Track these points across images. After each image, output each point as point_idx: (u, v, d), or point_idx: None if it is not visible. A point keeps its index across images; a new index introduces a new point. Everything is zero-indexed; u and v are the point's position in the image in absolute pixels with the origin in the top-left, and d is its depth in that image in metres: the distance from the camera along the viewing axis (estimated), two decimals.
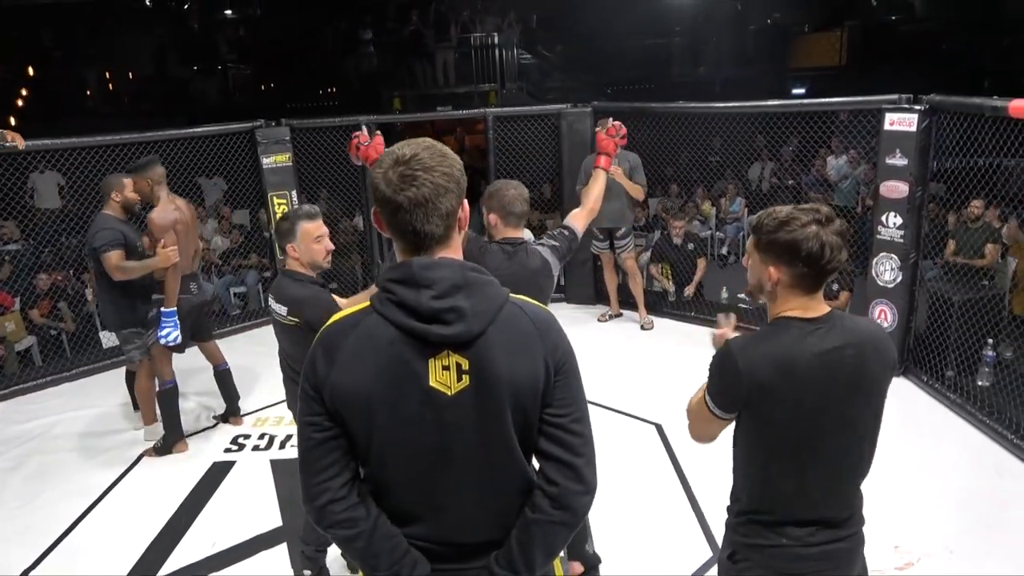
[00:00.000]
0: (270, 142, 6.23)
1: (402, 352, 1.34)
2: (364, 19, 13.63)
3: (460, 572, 1.43)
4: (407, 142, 1.39)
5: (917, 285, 4.70)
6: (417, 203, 1.33)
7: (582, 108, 6.36)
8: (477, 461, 1.39)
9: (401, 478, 1.41)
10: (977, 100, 4.01)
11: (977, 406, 4.15)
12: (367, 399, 1.35)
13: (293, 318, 2.60)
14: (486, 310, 1.36)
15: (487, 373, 1.35)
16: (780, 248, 1.64)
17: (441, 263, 1.36)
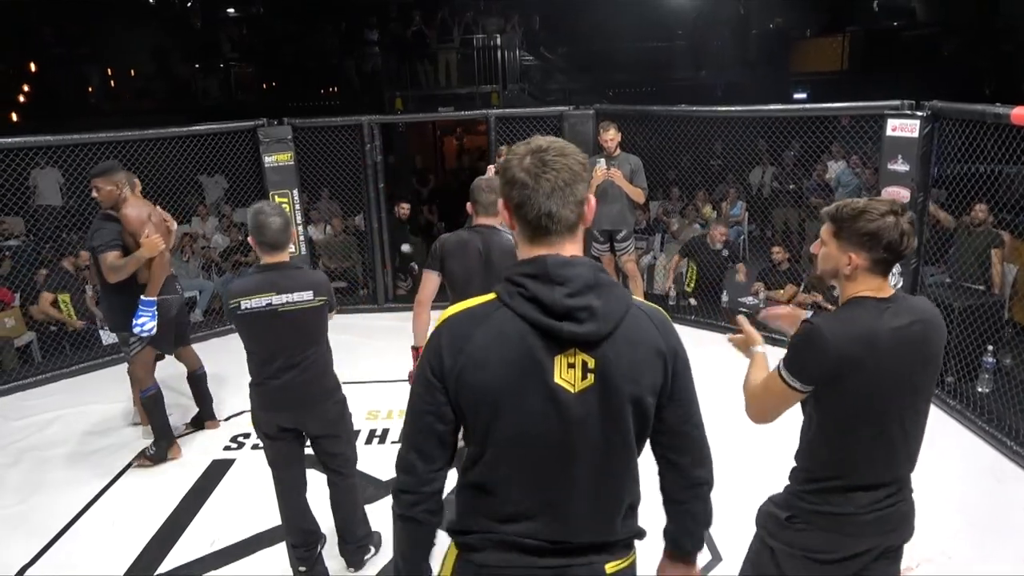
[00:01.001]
0: (272, 141, 6.23)
1: (532, 347, 1.36)
2: (368, 19, 13.62)
3: (564, 569, 1.44)
4: (536, 137, 1.44)
5: (918, 291, 4.71)
6: (555, 188, 1.37)
7: (584, 110, 6.36)
8: (595, 460, 1.41)
9: (516, 474, 1.42)
10: (979, 107, 4.02)
11: (976, 412, 4.15)
12: (495, 393, 1.37)
13: (321, 298, 2.80)
14: (616, 311, 1.38)
15: (612, 373, 1.37)
16: (863, 236, 1.79)
17: (576, 261, 1.38)
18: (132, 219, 3.85)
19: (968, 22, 11.91)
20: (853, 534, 1.87)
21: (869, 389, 1.79)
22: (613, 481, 1.45)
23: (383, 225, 6.66)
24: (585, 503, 1.43)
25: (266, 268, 2.79)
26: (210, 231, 8.10)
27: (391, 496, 1.52)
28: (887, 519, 1.89)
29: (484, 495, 1.45)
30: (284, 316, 2.74)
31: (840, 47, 13.32)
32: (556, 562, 1.44)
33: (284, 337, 2.78)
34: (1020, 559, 3.00)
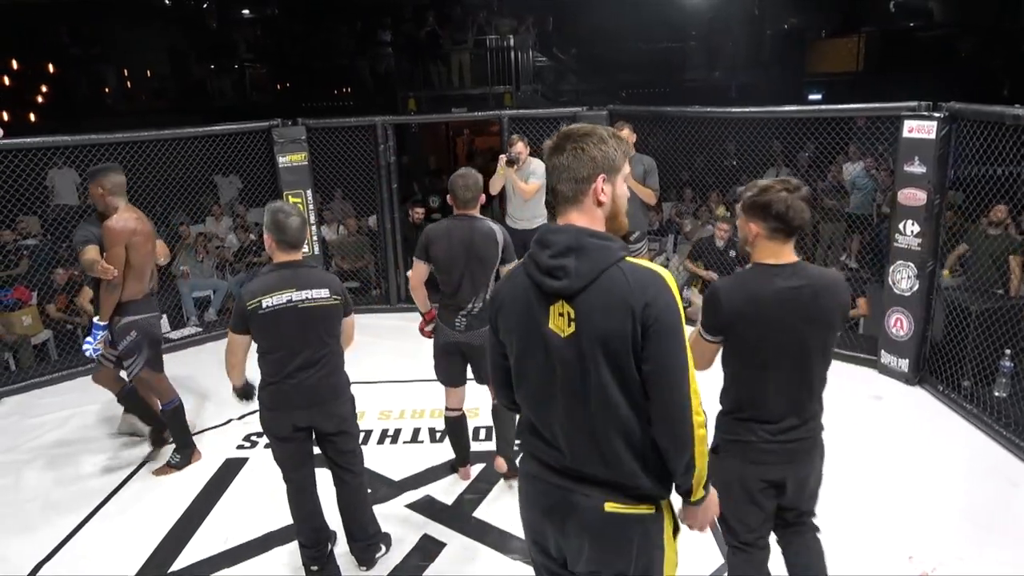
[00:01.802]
0: (286, 141, 6.26)
1: (531, 298, 1.68)
2: (382, 20, 13.66)
3: (567, 492, 1.69)
4: (571, 125, 1.73)
5: (934, 294, 4.67)
6: (555, 167, 1.67)
7: (598, 111, 6.35)
8: (579, 398, 1.64)
9: (528, 401, 1.76)
10: (998, 108, 3.97)
11: (994, 417, 4.10)
12: (513, 333, 1.73)
13: (336, 298, 2.84)
14: (589, 271, 1.60)
15: (586, 323, 1.61)
16: (758, 208, 2.17)
17: (562, 228, 1.66)
18: (108, 231, 3.71)
19: (986, 23, 11.79)
20: (756, 461, 2.24)
21: (758, 338, 2.17)
22: (599, 420, 1.64)
23: (396, 225, 6.68)
24: (578, 437, 1.67)
25: (282, 266, 2.81)
26: (224, 231, 8.14)
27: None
28: (789, 451, 2.24)
29: (523, 412, 1.80)
30: (304, 312, 2.76)
31: (856, 48, 13.22)
32: (563, 483, 1.70)
33: (303, 334, 2.79)
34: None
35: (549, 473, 1.72)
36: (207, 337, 6.17)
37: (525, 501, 1.81)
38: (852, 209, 7.56)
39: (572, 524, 1.69)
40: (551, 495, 1.72)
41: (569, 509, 1.68)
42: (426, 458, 4.00)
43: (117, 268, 3.69)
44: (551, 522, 1.73)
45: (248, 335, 2.82)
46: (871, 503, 3.44)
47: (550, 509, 1.72)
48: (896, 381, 4.78)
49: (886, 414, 4.40)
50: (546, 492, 1.73)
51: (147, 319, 3.87)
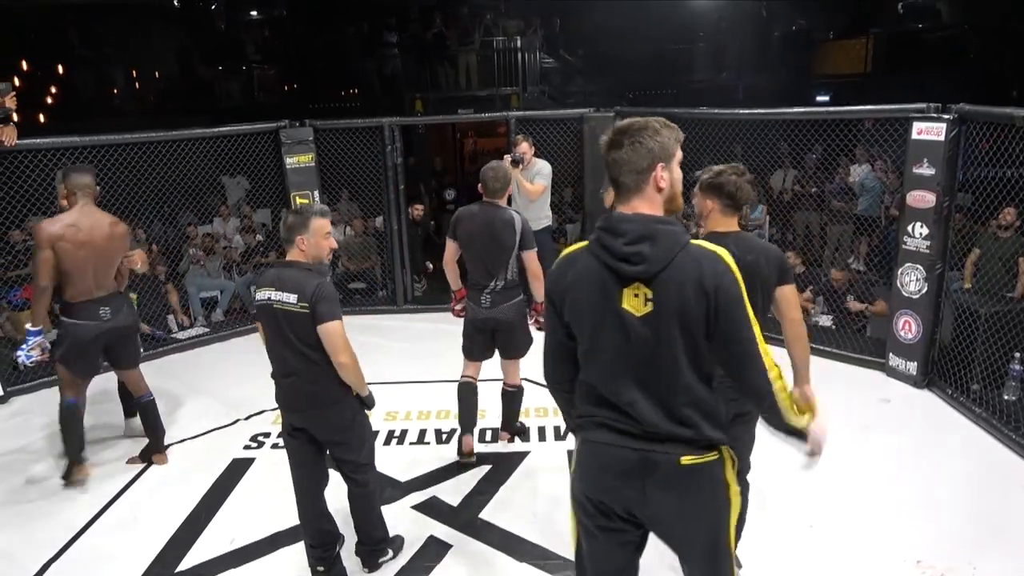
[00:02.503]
0: (294, 142, 6.28)
1: (605, 281, 1.83)
2: (389, 21, 13.68)
3: (647, 453, 1.86)
4: (628, 119, 1.88)
5: (943, 296, 4.64)
6: (614, 161, 1.84)
7: (605, 112, 6.35)
8: (652, 368, 1.84)
9: (601, 374, 1.89)
10: (1008, 110, 3.96)
11: (1003, 420, 4.08)
12: (584, 313, 1.87)
13: (304, 305, 2.71)
14: (663, 256, 1.78)
15: (663, 302, 1.79)
16: (714, 188, 2.64)
17: (631, 217, 1.83)
18: (38, 233, 3.69)
19: (994, 23, 11.72)
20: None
21: None
22: (671, 387, 1.84)
23: (403, 226, 6.69)
24: (652, 403, 1.84)
25: (279, 264, 2.87)
26: (231, 232, 8.16)
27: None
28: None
29: (589, 386, 1.93)
30: (277, 314, 2.76)
31: (863, 49, 13.16)
32: (640, 445, 1.86)
33: (281, 337, 2.79)
34: None
35: (625, 438, 1.87)
36: (214, 337, 6.19)
37: (593, 467, 1.94)
38: (860, 211, 7.52)
39: (653, 481, 1.86)
40: (628, 458, 1.87)
41: (650, 468, 1.85)
42: (432, 459, 4.00)
43: (43, 272, 3.64)
44: (628, 483, 1.88)
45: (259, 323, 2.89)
46: (879, 507, 3.43)
47: (629, 471, 1.87)
48: (904, 384, 4.76)
49: (894, 417, 4.38)
50: (622, 456, 1.87)
51: (76, 324, 3.76)
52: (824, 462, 3.75)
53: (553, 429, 4.31)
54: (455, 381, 5.00)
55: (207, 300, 6.97)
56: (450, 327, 6.19)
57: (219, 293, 7.09)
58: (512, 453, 4.06)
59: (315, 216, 2.81)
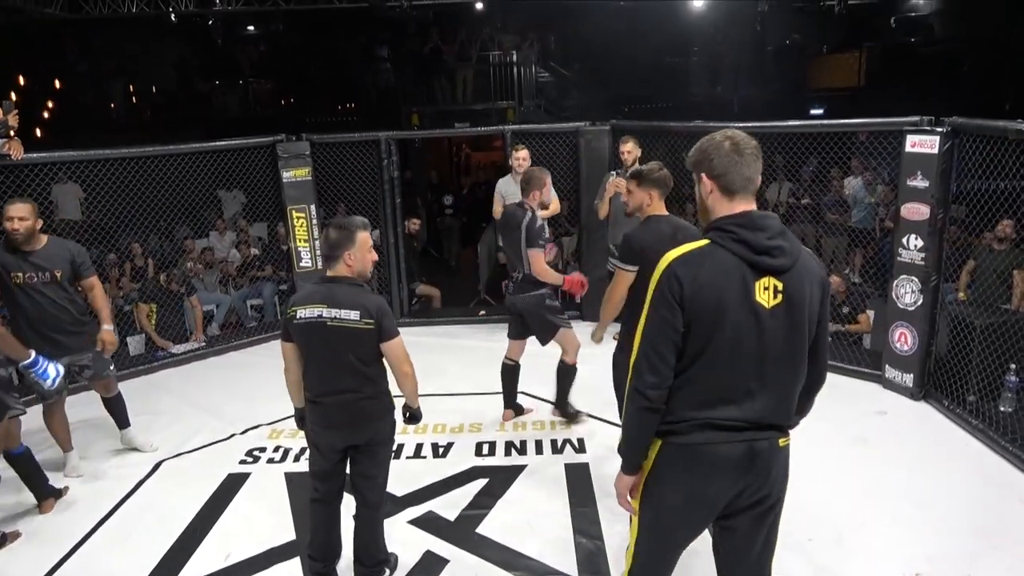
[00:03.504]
0: (290, 156, 6.29)
1: (743, 275, 1.91)
2: (386, 36, 13.77)
3: (753, 442, 1.96)
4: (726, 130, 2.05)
5: (938, 308, 4.65)
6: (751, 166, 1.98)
7: (600, 126, 6.38)
8: (779, 360, 1.94)
9: (726, 369, 1.93)
10: (1000, 123, 3.98)
11: (999, 432, 4.08)
12: (718, 308, 1.90)
13: (368, 322, 2.73)
14: (796, 250, 1.94)
15: (795, 294, 1.92)
16: (658, 182, 3.36)
17: (771, 215, 1.98)
18: None
19: (987, 36, 11.82)
20: None
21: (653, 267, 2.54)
22: (792, 377, 1.98)
23: (399, 240, 6.69)
24: (772, 393, 1.96)
25: (324, 280, 2.83)
26: (227, 246, 8.16)
27: (631, 394, 2.01)
28: None
29: (696, 387, 1.96)
30: (332, 332, 2.72)
31: (857, 63, 13.27)
32: (747, 436, 1.96)
33: (333, 354, 2.75)
34: None
35: (733, 433, 1.96)
36: (209, 352, 6.17)
37: (698, 470, 1.98)
38: (855, 223, 7.55)
39: (757, 465, 1.97)
40: (736, 449, 1.96)
41: (754, 454, 1.97)
42: (429, 474, 3.99)
43: None
44: (732, 475, 1.97)
45: (291, 344, 2.82)
46: (878, 519, 3.42)
47: (737, 462, 1.96)
48: (901, 396, 4.76)
49: (891, 429, 4.37)
50: (730, 450, 1.96)
51: None
52: (822, 475, 3.76)
53: (550, 443, 4.30)
54: (452, 395, 5.02)
55: (204, 314, 6.95)
56: (446, 340, 6.21)
57: (215, 307, 7.08)
58: (510, 467, 4.05)
59: (360, 229, 2.80)
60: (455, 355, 5.88)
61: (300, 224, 6.36)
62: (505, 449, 4.26)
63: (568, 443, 4.26)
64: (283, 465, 4.17)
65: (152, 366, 5.84)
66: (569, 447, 4.21)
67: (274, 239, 7.84)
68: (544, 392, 4.85)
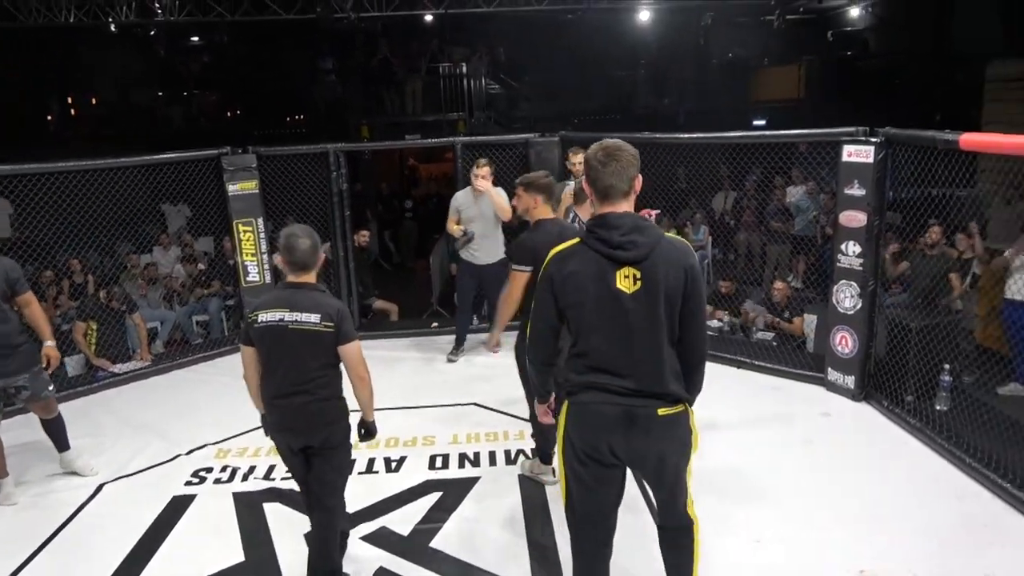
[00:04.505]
0: (236, 169, 6.18)
1: (601, 267, 2.24)
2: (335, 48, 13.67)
3: (631, 408, 2.27)
4: (604, 140, 2.33)
5: (876, 312, 4.81)
6: (614, 171, 2.26)
7: (549, 137, 6.43)
8: (643, 336, 2.25)
9: (601, 346, 2.28)
10: (930, 133, 4.14)
11: (936, 430, 4.22)
12: (584, 294, 2.26)
13: (328, 325, 2.83)
14: (649, 243, 2.23)
15: (651, 280, 2.22)
16: (543, 188, 3.64)
17: (624, 215, 2.28)
18: None
19: (920, 51, 12.34)
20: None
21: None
22: (656, 351, 2.26)
23: (349, 253, 6.63)
24: (643, 365, 2.26)
25: (287, 286, 2.93)
26: (172, 261, 7.97)
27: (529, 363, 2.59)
28: None
29: (582, 358, 2.32)
30: (293, 334, 2.82)
31: (797, 76, 13.70)
32: (626, 401, 2.27)
33: (293, 356, 2.85)
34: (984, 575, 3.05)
35: (613, 396, 2.27)
36: (154, 370, 5.99)
37: (586, 422, 2.33)
38: (797, 231, 7.78)
39: (636, 429, 2.28)
40: (615, 411, 2.27)
41: (632, 419, 2.27)
42: (381, 489, 3.94)
43: None
44: (616, 432, 2.29)
45: (252, 348, 2.89)
46: (823, 519, 3.50)
47: (615, 422, 2.28)
48: (843, 397, 4.90)
49: (834, 430, 4.49)
50: (610, 411, 2.28)
51: None
52: (768, 476, 3.84)
53: (504, 453, 4.30)
54: (405, 408, 4.98)
55: (148, 331, 6.76)
56: (399, 353, 6.16)
57: (159, 324, 6.90)
58: (463, 479, 4.03)
59: (320, 244, 2.98)
60: (408, 368, 5.84)
61: (247, 238, 6.24)
62: (459, 461, 4.24)
63: (522, 453, 4.26)
64: (231, 485, 4.07)
65: (93, 387, 5.64)
66: (523, 458, 4.21)
67: (220, 254, 7.68)
68: (501, 405, 4.86)
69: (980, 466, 3.80)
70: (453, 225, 5.75)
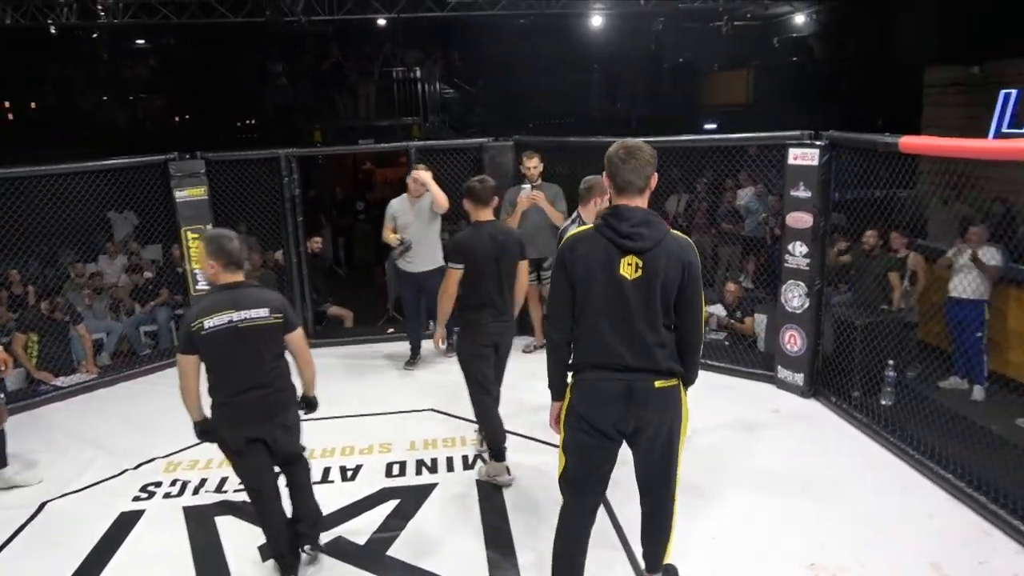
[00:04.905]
0: (184, 175, 6.04)
1: (609, 253, 2.49)
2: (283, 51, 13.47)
3: (630, 382, 2.53)
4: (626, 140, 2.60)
5: (823, 310, 4.94)
6: (632, 169, 2.51)
7: (504, 141, 6.44)
8: (641, 318, 2.50)
9: (602, 326, 2.53)
10: (871, 136, 4.28)
11: (881, 424, 4.35)
12: (589, 277, 2.51)
13: (278, 316, 2.96)
14: (655, 237, 2.48)
15: (652, 270, 2.47)
16: (471, 193, 3.87)
17: (635, 209, 2.51)
18: None
19: (863, 57, 12.71)
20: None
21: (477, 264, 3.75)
22: (652, 331, 2.52)
23: (302, 259, 6.53)
24: (639, 344, 2.51)
25: (224, 288, 2.94)
26: (118, 270, 7.75)
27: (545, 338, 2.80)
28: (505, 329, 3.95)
29: (585, 338, 2.57)
30: (244, 332, 2.88)
31: (745, 81, 13.98)
32: (625, 376, 2.53)
33: (247, 354, 2.92)
34: (930, 564, 3.14)
35: (612, 372, 2.53)
36: (99, 383, 5.81)
37: (591, 397, 2.59)
38: (747, 232, 7.93)
39: (635, 399, 2.53)
40: (617, 386, 2.53)
41: (631, 390, 2.53)
42: (337, 498, 3.88)
43: None
44: (618, 405, 2.54)
45: (196, 355, 2.91)
46: (774, 512, 3.58)
47: (616, 396, 2.54)
48: (793, 394, 5.01)
49: (784, 427, 4.59)
50: (611, 386, 2.54)
51: None
52: (721, 472, 3.91)
53: (461, 459, 4.28)
54: (361, 415, 4.93)
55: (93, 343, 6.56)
56: (354, 361, 6.09)
57: (105, 335, 6.69)
58: (421, 486, 4.00)
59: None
60: (364, 375, 5.78)
61: (196, 245, 6.10)
62: (416, 468, 4.21)
63: (480, 458, 4.25)
64: (181, 499, 3.97)
65: (35, 401, 5.45)
66: (481, 463, 4.20)
67: (169, 262, 7.49)
68: (458, 410, 4.85)
69: (924, 458, 3.93)
70: (390, 234, 5.69)
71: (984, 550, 3.26)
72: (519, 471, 4.00)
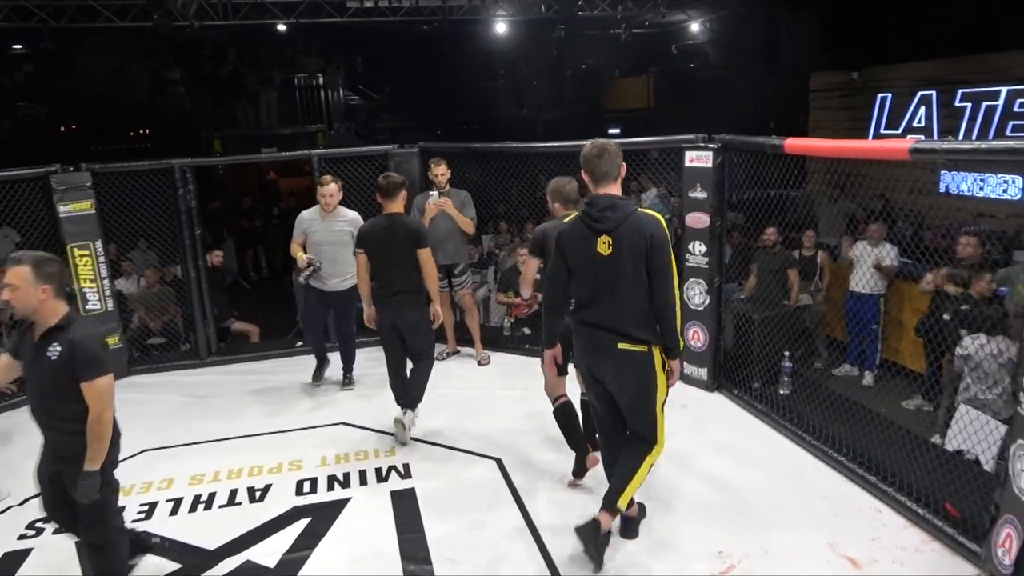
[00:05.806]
0: (68, 188, 5.68)
1: (586, 235, 3.05)
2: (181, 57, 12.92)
3: (600, 337, 3.09)
4: (596, 140, 3.18)
5: (723, 306, 5.13)
6: (605, 162, 3.07)
7: (409, 148, 6.39)
8: (612, 289, 3.03)
9: (583, 292, 3.14)
10: (760, 139, 4.49)
11: (780, 414, 4.56)
12: (573, 254, 3.11)
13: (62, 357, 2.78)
14: (618, 218, 2.99)
15: (620, 245, 2.98)
16: (382, 188, 4.40)
17: (603, 196, 3.06)
18: None
19: (753, 63, 13.33)
20: None
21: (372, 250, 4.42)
22: (621, 301, 3.03)
23: (200, 274, 6.26)
24: (606, 307, 3.06)
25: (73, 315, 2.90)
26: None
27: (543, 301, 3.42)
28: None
29: (576, 302, 3.20)
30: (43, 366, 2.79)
31: (645, 86, 14.42)
32: (598, 333, 3.09)
33: (47, 389, 2.82)
34: (828, 544, 3.31)
35: (591, 328, 3.11)
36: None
37: (578, 345, 3.23)
38: None
39: (602, 355, 3.11)
40: (593, 340, 3.12)
41: (598, 343, 3.10)
42: (245, 521, 3.74)
43: None
44: (591, 354, 3.15)
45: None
46: (682, 506, 3.69)
47: (593, 348, 3.13)
48: (698, 389, 5.18)
49: (690, 420, 4.72)
50: (590, 339, 3.13)
51: None
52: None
53: (375, 471, 4.20)
54: (269, 433, 4.77)
55: None
56: (261, 377, 5.88)
57: None
58: (333, 502, 3.90)
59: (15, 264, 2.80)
60: (270, 391, 5.59)
61: (84, 263, 5.76)
62: (328, 484, 4.10)
63: (393, 470, 4.19)
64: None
65: None
66: (394, 474, 4.14)
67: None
68: (369, 422, 4.77)
69: (819, 443, 4.14)
70: (299, 250, 5.29)
71: (875, 527, 3.46)
72: (429, 474, 3.98)
